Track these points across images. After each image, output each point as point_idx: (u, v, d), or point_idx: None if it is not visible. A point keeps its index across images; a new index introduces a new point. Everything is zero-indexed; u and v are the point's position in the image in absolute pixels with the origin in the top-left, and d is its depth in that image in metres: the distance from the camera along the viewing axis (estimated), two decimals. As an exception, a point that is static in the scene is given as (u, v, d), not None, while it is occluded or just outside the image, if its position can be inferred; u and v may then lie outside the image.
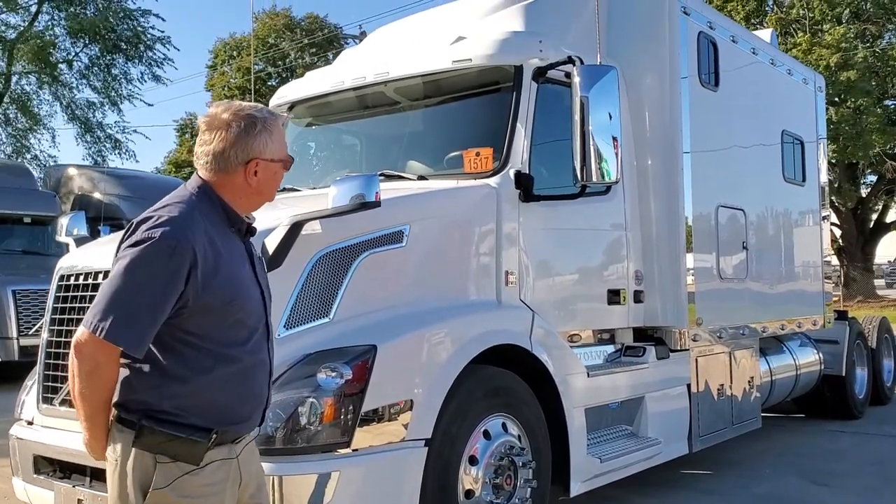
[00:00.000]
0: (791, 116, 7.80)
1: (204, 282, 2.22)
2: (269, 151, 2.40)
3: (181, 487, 2.27)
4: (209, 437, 2.28)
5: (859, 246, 32.02)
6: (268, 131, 2.39)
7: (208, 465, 2.31)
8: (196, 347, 2.28)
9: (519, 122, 4.83)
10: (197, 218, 2.30)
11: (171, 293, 2.19)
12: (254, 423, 2.46)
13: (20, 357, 12.20)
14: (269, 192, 2.47)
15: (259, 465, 2.61)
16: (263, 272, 2.54)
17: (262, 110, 2.42)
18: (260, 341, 2.41)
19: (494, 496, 4.15)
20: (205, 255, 2.24)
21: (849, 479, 6.31)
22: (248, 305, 2.36)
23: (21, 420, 4.59)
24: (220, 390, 2.31)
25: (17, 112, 24.84)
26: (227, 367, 2.31)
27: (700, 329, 5.92)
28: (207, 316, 2.27)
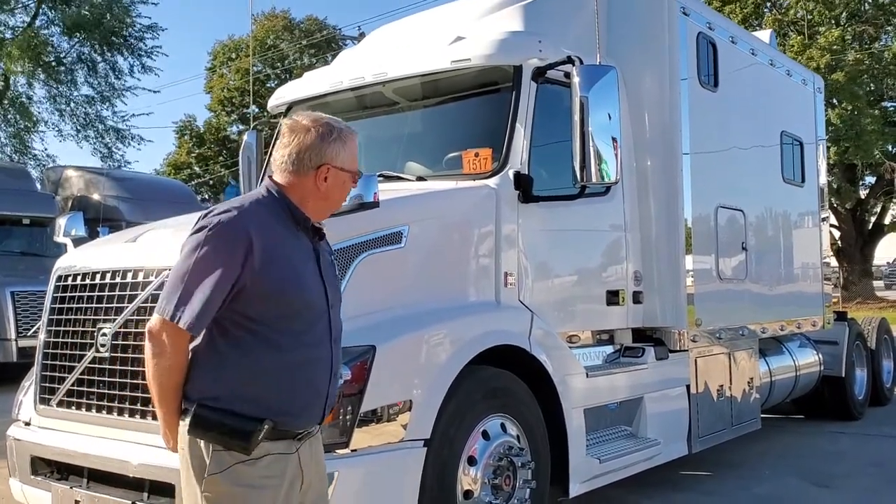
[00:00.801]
0: (790, 117, 7.80)
1: (260, 268, 2.30)
2: (341, 160, 2.49)
3: (234, 476, 2.32)
4: (260, 426, 2.30)
5: (858, 247, 32.03)
6: (342, 141, 2.49)
7: (264, 457, 2.35)
8: (253, 333, 2.34)
9: (518, 122, 4.83)
10: (257, 210, 2.41)
11: (227, 276, 2.28)
12: (312, 419, 2.46)
13: (18, 358, 12.18)
14: (336, 200, 2.55)
15: (323, 470, 2.61)
16: (334, 275, 2.60)
17: (341, 123, 2.54)
18: (320, 337, 2.43)
19: (493, 497, 4.14)
20: (263, 243, 2.32)
21: (849, 480, 6.31)
22: (307, 298, 2.41)
23: (18, 421, 4.57)
24: (274, 380, 2.34)
25: (16, 114, 24.80)
26: (282, 356, 2.35)
27: (699, 330, 5.91)
28: (264, 303, 2.33)
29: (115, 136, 26.26)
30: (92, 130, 25.89)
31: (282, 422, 2.35)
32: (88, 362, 4.03)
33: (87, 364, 4.04)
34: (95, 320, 4.05)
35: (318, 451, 2.57)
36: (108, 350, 3.92)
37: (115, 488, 3.83)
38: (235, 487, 2.32)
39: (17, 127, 25.18)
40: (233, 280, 2.29)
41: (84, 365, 4.05)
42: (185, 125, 46.04)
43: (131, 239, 4.31)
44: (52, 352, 4.31)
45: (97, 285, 4.12)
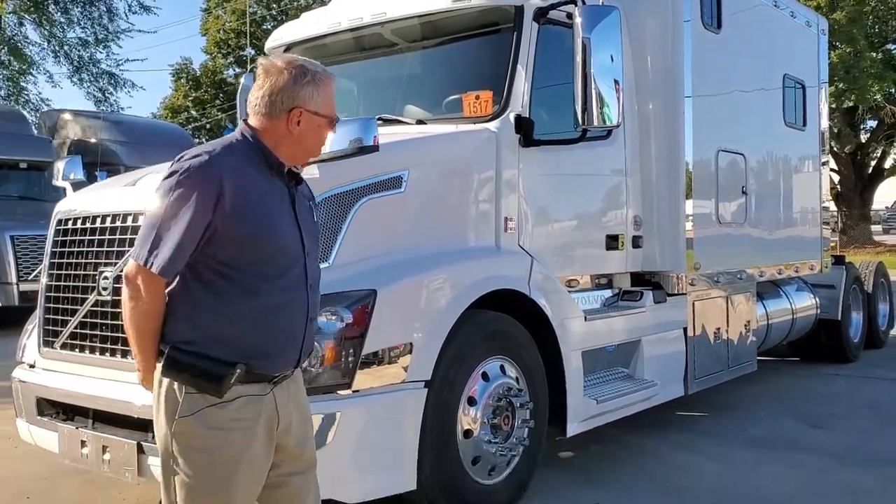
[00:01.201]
0: (793, 60, 7.71)
1: (231, 212, 2.29)
2: (314, 104, 2.44)
3: (205, 418, 2.33)
4: (233, 370, 2.31)
5: (857, 192, 31.98)
6: (315, 84, 2.43)
7: (236, 399, 2.34)
8: (226, 277, 2.33)
9: (519, 64, 4.77)
10: (229, 154, 2.38)
11: (197, 220, 2.27)
12: (287, 363, 2.46)
13: (20, 302, 12.25)
14: (310, 145, 2.49)
15: (305, 411, 2.62)
16: (312, 221, 2.57)
17: (317, 66, 2.48)
18: (295, 281, 2.43)
19: (492, 436, 4.22)
20: (234, 187, 2.30)
21: (843, 421, 6.41)
22: (280, 242, 2.39)
23: (23, 363, 4.62)
24: (247, 323, 2.34)
25: (10, 56, 24.46)
26: (256, 300, 2.34)
27: (697, 274, 5.94)
28: (237, 247, 2.33)
29: (108, 80, 25.93)
30: (86, 74, 25.55)
31: (256, 365, 2.36)
32: (91, 305, 4.06)
33: (89, 307, 4.07)
34: (97, 263, 4.06)
35: (297, 392, 2.57)
36: (110, 293, 3.94)
37: (120, 429, 3.89)
38: (206, 430, 2.33)
39: (11, 69, 24.85)
40: (204, 224, 2.28)
41: (86, 308, 4.07)
42: (181, 68, 45.47)
43: (130, 183, 4.29)
44: (55, 295, 4.33)
45: (97, 229, 4.12)
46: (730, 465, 5.22)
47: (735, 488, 4.77)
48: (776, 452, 5.50)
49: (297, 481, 2.57)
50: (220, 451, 2.35)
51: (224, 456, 2.35)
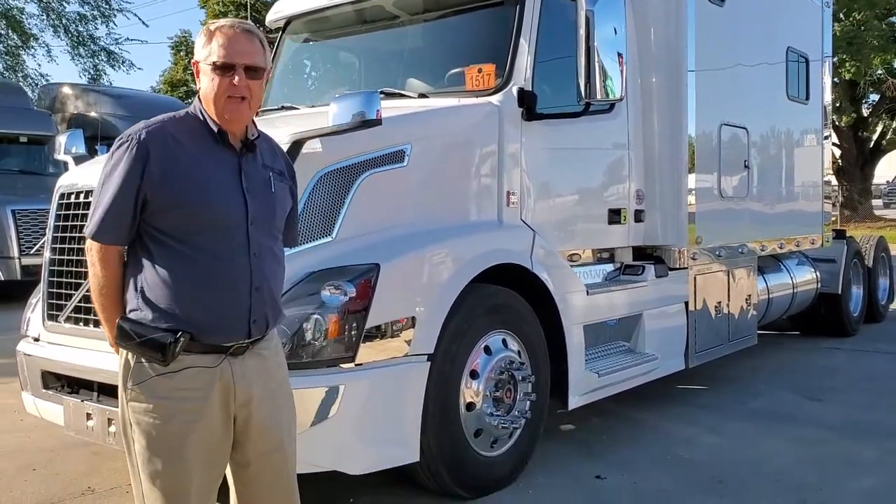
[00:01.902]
0: (797, 33, 7.65)
1: (157, 178, 2.32)
2: (201, 53, 2.40)
3: (153, 388, 2.35)
4: (174, 339, 2.31)
5: (858, 166, 31.88)
6: (209, 34, 2.40)
7: (184, 370, 2.35)
8: (164, 245, 2.35)
9: (522, 37, 4.74)
10: (165, 125, 2.41)
11: (126, 187, 2.32)
12: (232, 333, 2.40)
13: (22, 276, 12.28)
14: (211, 97, 2.38)
15: (274, 388, 2.56)
16: (265, 190, 2.49)
17: (227, 20, 2.45)
18: (233, 250, 2.38)
19: (495, 408, 4.25)
20: (162, 156, 2.33)
21: (842, 394, 6.45)
22: (214, 208, 2.36)
23: (27, 337, 4.64)
24: (185, 292, 2.34)
25: (7, 28, 24.25)
26: (190, 268, 2.34)
27: (699, 248, 5.95)
28: (168, 215, 2.34)
29: (105, 57, 25.72)
30: (84, 49, 25.35)
31: (199, 335, 2.35)
32: (95, 279, 4.06)
33: (93, 281, 4.08)
34: (100, 238, 4.06)
35: (264, 367, 2.51)
36: (114, 267, 3.94)
37: (125, 401, 3.92)
38: (154, 399, 2.35)
39: (9, 43, 24.66)
40: (133, 191, 2.31)
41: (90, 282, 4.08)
42: (180, 41, 45.20)
43: (133, 156, 4.28)
44: (58, 269, 4.34)
45: (100, 203, 4.11)
46: (729, 438, 5.26)
47: (735, 461, 4.80)
48: (776, 425, 5.54)
49: (266, 460, 2.54)
50: (170, 420, 2.36)
51: (174, 425, 2.36)
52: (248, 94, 2.38)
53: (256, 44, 2.42)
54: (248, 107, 2.41)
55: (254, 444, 2.50)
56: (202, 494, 2.44)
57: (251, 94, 2.40)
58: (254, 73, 2.40)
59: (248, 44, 2.39)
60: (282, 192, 2.56)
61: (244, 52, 2.38)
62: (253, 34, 2.42)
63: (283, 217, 2.58)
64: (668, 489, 4.36)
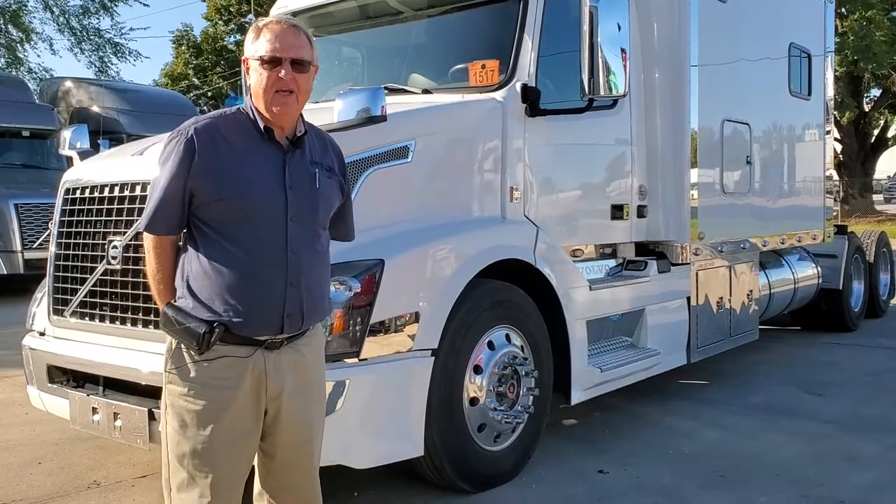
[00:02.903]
0: (799, 29, 7.65)
1: (204, 174, 2.38)
2: (250, 50, 2.46)
3: (186, 373, 2.44)
4: (210, 329, 2.37)
5: (860, 161, 31.84)
6: (257, 30, 2.46)
7: (219, 359, 2.41)
8: (207, 237, 2.42)
9: (526, 33, 4.75)
10: (215, 122, 2.48)
11: (175, 181, 2.39)
12: (265, 327, 2.44)
13: (25, 270, 12.32)
14: (260, 91, 2.42)
15: (310, 382, 2.61)
16: (310, 187, 2.51)
17: (275, 16, 2.59)
18: (270, 245, 2.43)
19: (498, 403, 4.27)
20: (207, 149, 2.40)
21: (842, 389, 6.47)
22: (253, 204, 2.41)
23: (33, 331, 4.66)
24: (223, 284, 2.39)
25: (8, 23, 24.23)
26: (229, 261, 2.40)
27: (701, 243, 5.97)
28: (214, 208, 2.41)
29: (111, 49, 25.71)
30: (88, 44, 25.33)
31: (233, 326, 2.39)
32: (100, 274, 4.09)
33: (98, 276, 4.10)
34: (105, 233, 4.08)
35: (301, 361, 2.55)
36: (120, 262, 3.97)
37: (131, 395, 3.94)
38: (188, 384, 2.43)
39: (10, 38, 24.65)
40: (180, 184, 2.38)
41: (96, 277, 4.11)
42: (181, 35, 45.13)
43: (138, 152, 4.30)
44: (64, 264, 4.36)
45: (106, 198, 4.13)
46: (731, 433, 5.28)
47: (736, 455, 4.83)
48: (776, 420, 5.56)
49: (292, 454, 2.59)
50: (202, 406, 2.42)
51: (205, 411, 2.42)
52: (295, 87, 2.42)
53: (303, 38, 2.46)
54: (297, 100, 2.44)
55: (282, 437, 2.55)
56: (228, 483, 2.48)
57: (298, 87, 2.43)
58: (301, 67, 2.42)
59: (294, 38, 2.43)
60: (328, 188, 2.58)
61: (291, 46, 2.41)
62: (300, 29, 2.47)
63: (327, 213, 2.61)
64: (669, 483, 4.39)
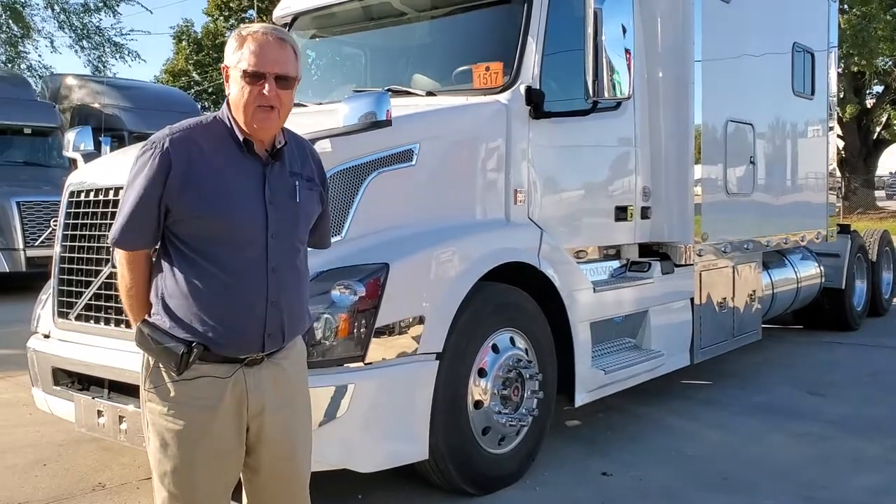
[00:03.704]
0: (802, 27, 7.64)
1: (178, 187, 2.29)
2: (232, 58, 2.35)
3: (164, 392, 2.37)
4: (188, 349, 2.31)
5: (862, 158, 31.82)
6: (241, 39, 2.35)
7: (198, 378, 2.35)
8: (183, 255, 2.34)
9: (530, 35, 4.75)
10: (190, 132, 2.38)
11: (148, 194, 2.30)
12: (245, 346, 2.37)
13: (27, 268, 12.33)
14: (240, 106, 2.33)
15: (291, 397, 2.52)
16: (289, 201, 2.43)
17: (255, 25, 2.41)
18: (249, 263, 2.35)
19: (502, 406, 4.27)
20: (183, 162, 2.30)
21: (844, 389, 6.48)
22: (232, 220, 2.33)
23: (37, 333, 4.67)
24: (201, 302, 2.32)
25: (9, 19, 24.19)
26: (206, 279, 2.32)
27: (705, 244, 5.96)
28: (191, 225, 2.33)
29: (112, 48, 25.67)
30: (87, 42, 25.30)
31: (212, 346, 2.33)
32: (105, 277, 4.09)
33: (103, 279, 4.11)
34: (110, 236, 4.08)
35: (281, 375, 2.48)
36: (124, 265, 3.97)
37: (135, 399, 3.93)
38: (166, 403, 2.37)
39: (11, 33, 24.61)
40: (156, 200, 2.29)
41: (101, 280, 4.12)
42: (182, 30, 45.08)
43: (142, 155, 4.29)
44: (69, 266, 4.37)
45: (110, 201, 4.14)
46: (734, 434, 5.29)
47: (739, 457, 4.83)
48: (779, 421, 5.57)
49: (278, 467, 2.53)
50: (182, 425, 2.36)
51: (185, 430, 2.36)
52: (277, 103, 2.33)
53: (289, 52, 2.36)
54: (278, 116, 2.36)
55: (266, 452, 2.49)
56: (211, 499, 2.44)
57: (281, 103, 2.34)
58: (284, 83, 2.34)
59: (280, 52, 2.34)
60: (307, 200, 2.50)
61: (275, 61, 2.32)
62: (285, 41, 2.37)
63: (307, 227, 2.54)
64: (673, 486, 4.39)
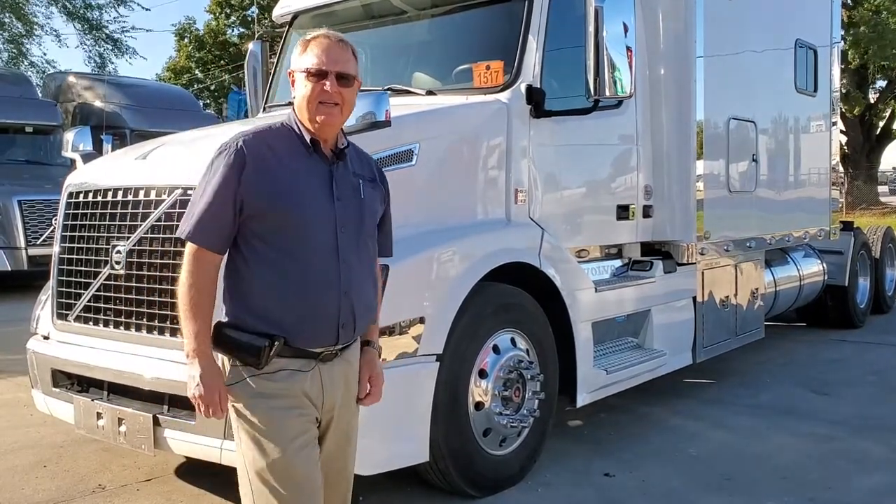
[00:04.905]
0: (805, 23, 7.60)
1: (255, 187, 2.37)
2: (297, 63, 2.48)
3: (249, 390, 2.41)
4: (269, 343, 2.36)
5: (864, 153, 31.74)
6: (304, 44, 2.48)
7: (278, 372, 2.40)
8: (258, 252, 2.41)
9: (531, 33, 4.72)
10: (264, 134, 2.49)
11: (224, 191, 2.37)
12: (320, 339, 2.44)
13: (29, 266, 12.32)
14: (304, 102, 2.45)
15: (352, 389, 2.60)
16: (355, 196, 2.52)
17: (322, 31, 2.51)
18: (325, 254, 2.43)
19: (503, 407, 4.25)
20: (258, 163, 2.39)
21: (849, 388, 6.45)
22: (308, 216, 2.40)
23: (37, 334, 4.66)
24: (276, 297, 2.39)
25: (11, 16, 24.17)
26: (281, 273, 2.39)
27: (707, 243, 5.93)
28: (264, 221, 2.40)
29: (111, 45, 25.66)
30: (91, 38, 25.31)
31: (291, 340, 2.39)
32: (104, 279, 4.08)
33: (102, 281, 4.09)
34: (109, 237, 4.07)
35: (350, 371, 2.57)
36: (123, 267, 3.96)
37: (135, 400, 3.94)
38: (251, 400, 2.41)
39: (13, 31, 24.61)
40: (231, 197, 2.37)
41: (100, 281, 4.10)
42: (184, 28, 45.07)
43: (142, 156, 4.28)
44: (68, 268, 4.35)
45: (109, 202, 4.12)
46: (736, 434, 5.27)
47: (742, 457, 4.81)
48: (782, 420, 5.54)
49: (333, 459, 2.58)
50: (268, 420, 2.40)
51: (272, 425, 2.40)
52: (339, 99, 2.44)
53: (348, 53, 2.49)
54: (340, 112, 2.47)
55: (326, 446, 2.55)
56: (310, 492, 2.45)
57: (343, 100, 2.45)
58: (345, 81, 2.45)
59: (341, 52, 2.46)
60: (371, 198, 2.60)
61: (337, 60, 2.44)
62: (346, 44, 2.50)
63: (372, 222, 2.62)
64: (676, 487, 4.37)
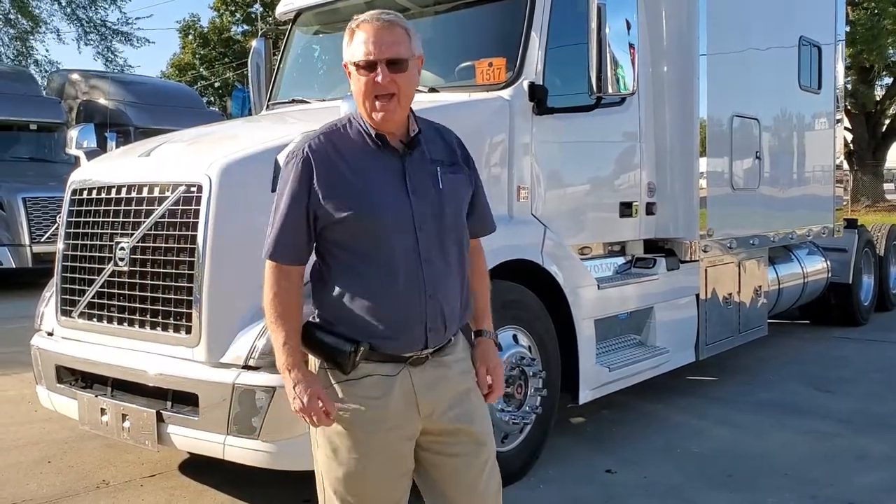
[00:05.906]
0: (809, 20, 7.58)
1: (322, 192, 2.27)
2: (347, 54, 2.33)
3: (334, 395, 2.33)
4: (355, 348, 2.27)
5: (870, 150, 31.62)
6: (350, 32, 2.32)
7: (366, 377, 2.32)
8: (337, 258, 2.33)
9: (534, 30, 4.71)
10: (324, 137, 2.35)
11: (295, 205, 2.29)
12: (408, 343, 2.33)
13: (34, 263, 12.37)
14: (360, 100, 2.31)
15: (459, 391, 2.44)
16: (431, 187, 2.34)
17: (368, 13, 2.32)
18: (406, 255, 2.30)
19: (505, 405, 4.26)
20: (324, 167, 2.28)
21: (852, 385, 6.44)
22: (383, 219, 2.28)
23: (41, 331, 4.67)
24: (360, 302, 2.29)
25: (17, 14, 24.23)
26: (361, 278, 2.30)
27: (710, 240, 5.93)
28: (339, 227, 2.29)
29: (120, 38, 25.74)
30: (95, 35, 25.37)
31: (377, 344, 2.30)
32: (108, 276, 4.09)
33: (106, 277, 4.10)
34: (113, 234, 4.08)
35: (449, 375, 2.41)
36: (127, 264, 3.97)
37: (139, 397, 3.95)
38: (338, 404, 2.33)
39: (19, 28, 24.68)
40: (302, 207, 2.28)
41: (104, 278, 4.11)
42: (188, 25, 45.12)
43: (145, 153, 4.29)
44: (72, 265, 4.36)
45: (113, 199, 4.13)
46: (739, 431, 5.27)
47: (744, 455, 4.81)
48: (785, 417, 5.54)
49: (460, 462, 2.45)
50: (351, 427, 2.33)
51: (355, 432, 2.33)
52: (395, 89, 2.26)
53: (398, 33, 2.28)
54: (398, 103, 2.29)
55: (444, 446, 2.42)
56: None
57: (399, 88, 2.27)
58: (398, 67, 2.27)
59: (388, 35, 2.26)
60: (451, 186, 2.40)
61: (384, 46, 2.25)
62: (393, 24, 2.29)
63: (456, 212, 2.42)
64: (678, 483, 4.38)
